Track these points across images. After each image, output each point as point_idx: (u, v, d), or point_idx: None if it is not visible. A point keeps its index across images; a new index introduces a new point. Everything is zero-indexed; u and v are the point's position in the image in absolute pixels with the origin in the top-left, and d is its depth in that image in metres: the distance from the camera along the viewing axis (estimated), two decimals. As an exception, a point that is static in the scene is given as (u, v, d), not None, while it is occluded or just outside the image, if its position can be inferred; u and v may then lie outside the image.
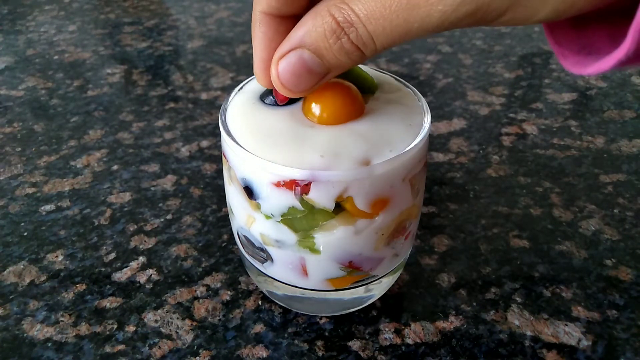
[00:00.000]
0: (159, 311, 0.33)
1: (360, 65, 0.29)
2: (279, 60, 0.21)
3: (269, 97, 0.28)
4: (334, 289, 0.30)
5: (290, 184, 0.24)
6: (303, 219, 0.26)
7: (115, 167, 0.46)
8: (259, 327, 0.32)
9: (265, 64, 0.23)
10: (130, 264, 0.36)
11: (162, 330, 0.31)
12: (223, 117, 0.27)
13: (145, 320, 0.32)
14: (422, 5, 0.18)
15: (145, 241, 0.38)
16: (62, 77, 0.62)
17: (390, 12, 0.18)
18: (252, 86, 0.29)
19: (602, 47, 0.19)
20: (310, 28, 0.20)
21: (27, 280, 0.35)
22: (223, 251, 0.37)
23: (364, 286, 0.30)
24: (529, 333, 0.31)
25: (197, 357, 0.30)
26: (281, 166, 0.24)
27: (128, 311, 0.33)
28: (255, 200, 0.26)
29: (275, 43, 0.22)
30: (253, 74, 0.31)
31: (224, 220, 0.40)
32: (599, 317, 0.32)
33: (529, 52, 0.66)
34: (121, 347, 0.31)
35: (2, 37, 0.74)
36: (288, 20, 0.21)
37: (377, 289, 0.32)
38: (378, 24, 0.19)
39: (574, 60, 0.19)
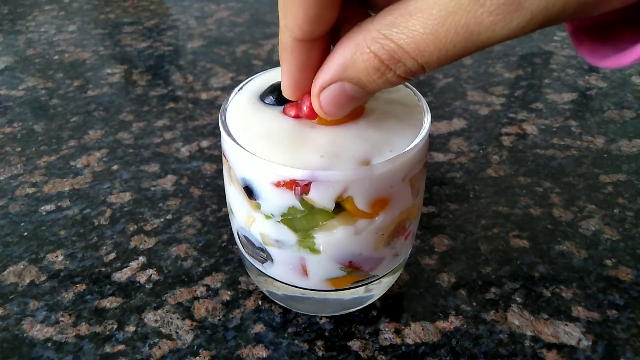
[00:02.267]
0: (159, 311, 0.33)
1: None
2: (320, 93, 0.21)
3: (269, 97, 0.28)
4: (334, 289, 0.30)
5: (290, 184, 0.24)
6: (303, 219, 0.26)
7: (115, 167, 0.46)
8: (259, 327, 0.32)
9: (298, 84, 0.22)
10: (130, 264, 0.36)
11: (162, 330, 0.31)
12: (223, 117, 0.27)
13: (145, 320, 0.32)
14: (483, 31, 0.16)
15: (145, 241, 0.38)
16: (62, 77, 0.62)
17: (446, 42, 0.17)
18: (252, 86, 0.29)
19: (624, 37, 0.18)
20: (351, 62, 0.19)
21: (27, 280, 0.35)
22: (223, 251, 0.37)
23: (364, 286, 0.30)
24: (529, 333, 0.31)
25: (197, 357, 0.30)
26: (281, 166, 0.24)
27: (128, 311, 0.33)
28: (255, 200, 0.26)
29: (309, 67, 0.21)
30: (253, 74, 0.31)
31: (224, 220, 0.40)
32: (599, 317, 0.32)
33: (529, 52, 0.66)
34: (121, 347, 0.31)
35: (2, 37, 0.74)
36: (319, 42, 0.21)
37: (377, 289, 0.32)
38: (432, 55, 0.18)
39: (591, 48, 0.18)
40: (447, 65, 0.20)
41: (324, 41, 0.21)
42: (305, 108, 0.24)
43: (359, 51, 0.19)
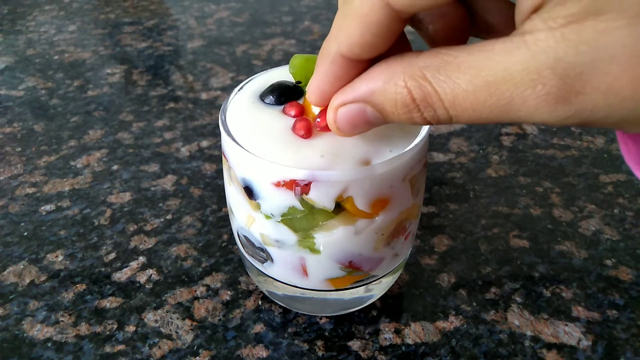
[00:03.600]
0: (159, 311, 0.33)
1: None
2: (339, 107, 0.21)
3: (269, 97, 0.28)
4: (334, 289, 0.30)
5: (290, 184, 0.24)
6: (303, 219, 0.26)
7: (115, 167, 0.46)
8: (259, 327, 0.32)
9: (325, 94, 0.22)
10: (130, 264, 0.36)
11: (162, 330, 0.31)
12: (223, 117, 0.27)
13: (145, 320, 0.32)
14: (524, 110, 0.16)
15: (145, 241, 0.38)
16: (62, 77, 0.62)
17: (484, 106, 0.17)
18: (252, 86, 0.29)
19: None
20: (380, 90, 0.19)
21: (27, 280, 0.35)
22: (223, 251, 0.37)
23: (364, 286, 0.30)
24: (529, 333, 0.31)
25: (197, 357, 0.30)
26: (281, 166, 0.24)
27: (128, 311, 0.33)
28: (255, 200, 0.26)
29: (342, 82, 0.21)
30: (253, 74, 0.31)
31: (224, 220, 0.40)
32: (599, 317, 0.32)
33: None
34: (121, 347, 0.31)
35: (2, 37, 0.74)
36: (361, 64, 0.20)
37: (377, 289, 0.32)
38: (465, 113, 0.17)
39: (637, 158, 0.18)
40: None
41: (365, 64, 0.20)
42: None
43: (393, 81, 0.18)
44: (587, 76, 0.15)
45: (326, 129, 0.23)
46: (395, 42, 0.19)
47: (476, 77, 0.17)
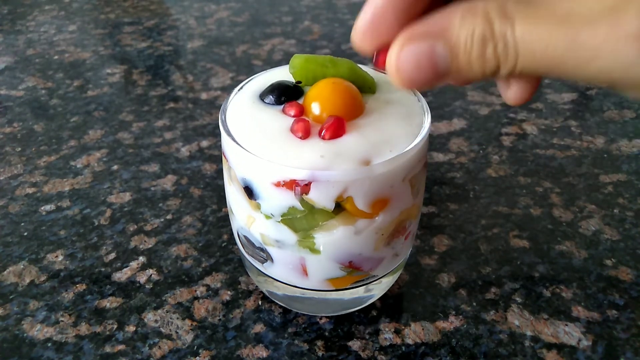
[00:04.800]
0: (159, 311, 0.33)
1: (360, 65, 0.29)
2: (406, 45, 0.19)
3: (269, 96, 0.28)
4: (334, 289, 0.30)
5: (290, 184, 0.24)
6: (303, 219, 0.26)
7: (115, 167, 0.46)
8: (259, 327, 0.32)
9: (378, 26, 0.19)
10: (130, 264, 0.36)
11: (162, 330, 0.31)
12: (223, 117, 0.27)
13: (145, 320, 0.32)
14: (589, 47, 0.16)
15: (145, 241, 0.38)
16: (62, 77, 0.62)
17: (550, 42, 0.16)
18: (252, 86, 0.29)
19: None
20: (458, 23, 0.18)
21: (27, 280, 0.35)
22: (223, 251, 0.37)
23: (364, 286, 0.30)
24: (529, 333, 0.31)
25: (197, 357, 0.30)
26: (281, 166, 0.24)
27: (128, 311, 0.33)
28: (255, 200, 0.26)
29: (401, 11, 0.19)
30: (253, 74, 0.31)
31: (224, 220, 0.40)
32: (599, 317, 0.32)
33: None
34: (121, 347, 0.31)
35: (2, 37, 0.74)
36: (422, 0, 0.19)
37: (377, 289, 0.32)
38: (529, 49, 0.17)
39: None
40: (529, 77, 0.19)
41: (425, 4, 0.19)
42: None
43: (473, 15, 0.17)
44: None
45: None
46: None
47: (551, 12, 0.16)
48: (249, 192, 0.26)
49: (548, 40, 0.16)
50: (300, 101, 0.27)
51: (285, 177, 0.24)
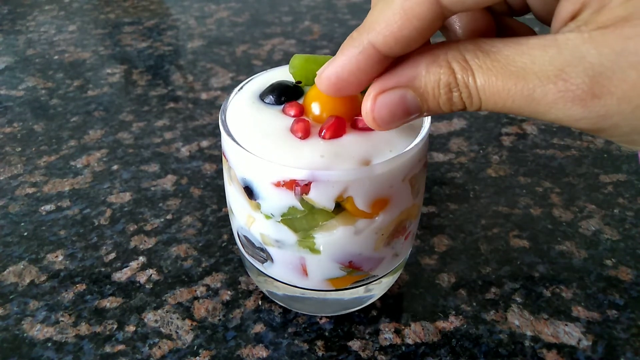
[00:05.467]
0: (159, 311, 0.33)
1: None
2: (379, 95, 0.21)
3: (269, 96, 0.28)
4: (334, 289, 0.30)
5: (290, 184, 0.24)
6: (303, 219, 0.26)
7: (115, 167, 0.46)
8: (259, 327, 0.32)
9: (340, 82, 0.21)
10: (130, 264, 0.36)
11: (162, 330, 0.31)
12: (223, 117, 0.27)
13: (145, 320, 0.32)
14: (543, 104, 0.17)
15: (145, 241, 0.38)
16: (62, 77, 0.62)
17: (508, 95, 0.18)
18: (252, 86, 0.29)
19: None
20: (424, 73, 0.19)
21: (27, 280, 0.35)
22: (223, 251, 0.37)
23: (364, 286, 0.30)
24: (529, 333, 0.31)
25: (197, 357, 0.30)
26: (281, 166, 0.24)
27: (128, 311, 0.33)
28: (255, 200, 0.26)
29: (362, 75, 0.21)
30: (253, 74, 0.31)
31: (224, 220, 0.40)
32: (599, 317, 0.32)
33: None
34: (121, 347, 0.31)
35: (2, 37, 0.74)
36: (387, 60, 0.20)
37: (377, 289, 0.32)
38: (491, 99, 0.18)
39: None
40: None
41: (388, 63, 0.20)
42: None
43: (437, 63, 0.19)
44: (606, 80, 0.16)
45: (333, 132, 0.24)
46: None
47: (507, 66, 0.18)
48: (249, 192, 0.26)
49: (506, 94, 0.18)
50: (300, 101, 0.27)
51: (285, 177, 0.24)
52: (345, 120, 0.25)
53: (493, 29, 0.22)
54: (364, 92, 0.29)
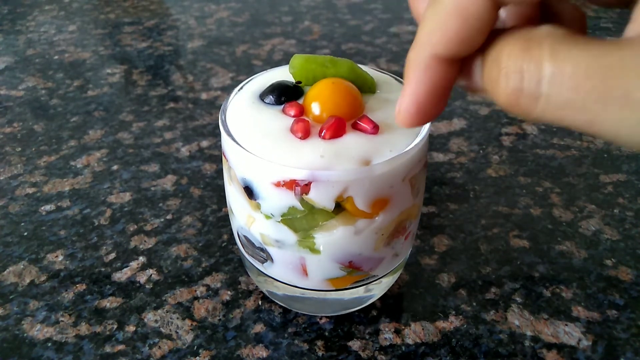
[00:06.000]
0: (159, 311, 0.33)
1: (360, 65, 0.29)
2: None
3: (269, 96, 0.28)
4: (334, 289, 0.30)
5: (290, 184, 0.24)
6: (303, 219, 0.26)
7: (115, 167, 0.46)
8: (259, 327, 0.32)
9: (422, 108, 0.20)
10: (130, 264, 0.36)
11: (162, 330, 0.31)
12: (223, 117, 0.27)
13: (145, 320, 0.32)
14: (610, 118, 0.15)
15: (145, 241, 0.38)
16: (62, 77, 0.62)
17: (585, 90, 0.15)
18: (252, 86, 0.29)
19: None
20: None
21: (27, 280, 0.35)
22: (223, 251, 0.37)
23: (364, 286, 0.30)
24: (529, 333, 0.31)
25: (197, 357, 0.30)
26: (281, 166, 0.24)
27: (128, 311, 0.33)
28: (255, 200, 0.26)
29: (443, 88, 0.19)
30: (253, 74, 0.31)
31: (224, 220, 0.40)
32: (599, 317, 0.32)
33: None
34: (121, 347, 0.31)
35: (2, 37, 0.74)
36: (456, 64, 0.19)
37: (377, 289, 0.32)
38: (562, 93, 0.16)
39: None
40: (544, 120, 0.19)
41: (458, 66, 0.19)
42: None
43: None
44: None
45: (333, 132, 0.24)
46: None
47: (592, 56, 0.15)
48: (249, 192, 0.26)
49: (579, 76, 0.15)
50: (300, 101, 0.27)
51: (285, 177, 0.24)
52: (345, 120, 0.25)
53: (538, 20, 0.20)
54: (363, 92, 0.29)
